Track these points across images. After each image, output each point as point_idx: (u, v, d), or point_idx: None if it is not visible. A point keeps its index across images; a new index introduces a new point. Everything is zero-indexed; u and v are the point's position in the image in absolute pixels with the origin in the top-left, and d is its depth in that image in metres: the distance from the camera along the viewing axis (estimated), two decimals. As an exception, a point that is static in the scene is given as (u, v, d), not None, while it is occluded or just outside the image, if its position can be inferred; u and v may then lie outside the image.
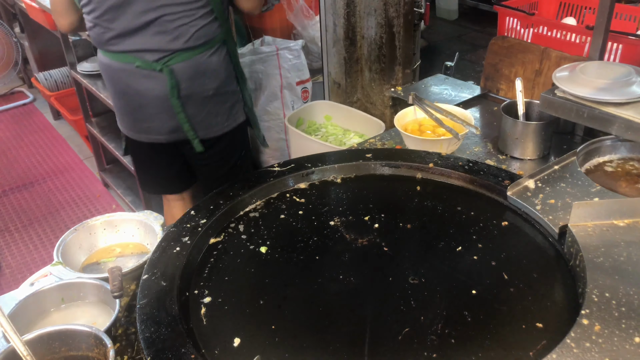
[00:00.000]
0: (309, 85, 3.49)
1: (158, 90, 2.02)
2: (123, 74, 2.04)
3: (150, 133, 2.14)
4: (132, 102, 2.09)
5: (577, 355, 0.92)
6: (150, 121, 2.10)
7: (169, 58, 1.99)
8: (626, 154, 1.54)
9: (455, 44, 5.75)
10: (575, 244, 1.17)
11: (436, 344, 1.02)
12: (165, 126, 2.10)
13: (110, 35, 1.98)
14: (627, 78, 1.53)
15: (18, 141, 4.58)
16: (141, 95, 2.05)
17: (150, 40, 1.97)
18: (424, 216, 1.40)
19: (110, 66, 2.05)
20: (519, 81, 1.74)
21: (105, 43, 2.01)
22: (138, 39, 1.97)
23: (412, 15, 2.30)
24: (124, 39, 1.98)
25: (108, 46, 2.01)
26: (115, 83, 2.08)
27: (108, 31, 1.98)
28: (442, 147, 1.71)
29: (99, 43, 2.04)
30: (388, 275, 1.21)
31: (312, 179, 1.54)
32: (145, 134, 2.15)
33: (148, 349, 1.00)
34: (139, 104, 2.08)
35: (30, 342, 1.01)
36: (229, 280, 1.22)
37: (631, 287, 1.05)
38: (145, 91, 2.04)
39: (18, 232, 3.49)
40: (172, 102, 2.03)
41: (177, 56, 2.00)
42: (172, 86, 2.00)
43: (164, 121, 2.09)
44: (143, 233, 1.46)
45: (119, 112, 2.19)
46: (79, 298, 1.25)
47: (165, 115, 2.07)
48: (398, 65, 2.38)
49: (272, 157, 3.48)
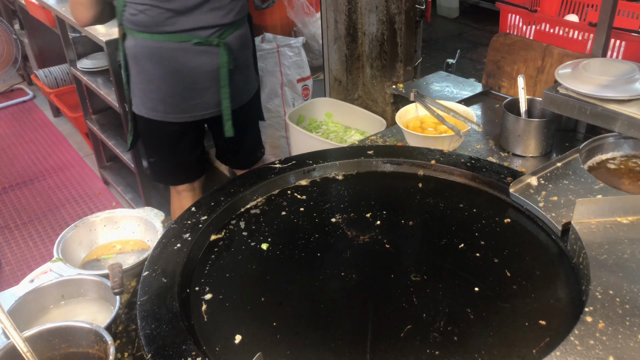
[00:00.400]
0: (309, 83, 3.49)
1: (211, 64, 2.11)
2: (178, 53, 2.07)
3: (198, 110, 2.20)
4: (185, 81, 2.12)
5: (581, 352, 0.92)
6: (200, 97, 2.17)
7: (221, 32, 2.10)
8: (629, 151, 1.53)
9: (456, 42, 5.74)
10: (578, 241, 1.16)
11: (438, 341, 1.02)
12: (214, 99, 2.19)
13: (167, 15, 2.01)
14: (630, 75, 1.53)
15: (18, 138, 4.57)
16: (195, 71, 2.11)
17: (206, 17, 2.05)
18: (426, 213, 1.40)
19: (162, 47, 2.06)
20: (521, 78, 1.74)
21: (159, 24, 2.02)
22: (194, 17, 2.03)
23: (413, 12, 2.29)
24: (180, 18, 2.02)
25: (163, 27, 2.03)
26: (168, 64, 2.09)
27: (165, 12, 2.00)
28: (444, 144, 1.71)
29: (152, 25, 2.03)
30: (390, 272, 1.20)
31: (313, 175, 1.53)
32: (190, 113, 2.19)
33: (149, 346, 1.00)
34: (191, 80, 2.12)
35: (30, 338, 1.01)
36: (230, 277, 1.21)
37: (635, 284, 1.04)
38: (200, 67, 2.10)
39: (18, 229, 3.48)
40: (221, 74, 2.13)
41: (227, 30, 2.11)
42: (227, 59, 2.11)
43: (214, 94, 2.18)
44: (143, 230, 1.46)
45: (165, 94, 2.15)
46: (79, 295, 1.24)
47: (215, 89, 2.17)
48: (399, 62, 2.38)
49: (273, 155, 3.47)
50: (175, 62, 2.09)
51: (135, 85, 2.17)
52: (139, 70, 2.14)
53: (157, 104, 2.17)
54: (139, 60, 2.11)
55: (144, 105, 2.19)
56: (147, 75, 2.13)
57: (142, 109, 2.21)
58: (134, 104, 2.23)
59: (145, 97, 2.17)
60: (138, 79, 2.15)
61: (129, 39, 2.10)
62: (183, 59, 2.08)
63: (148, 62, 2.10)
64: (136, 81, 2.17)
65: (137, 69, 2.14)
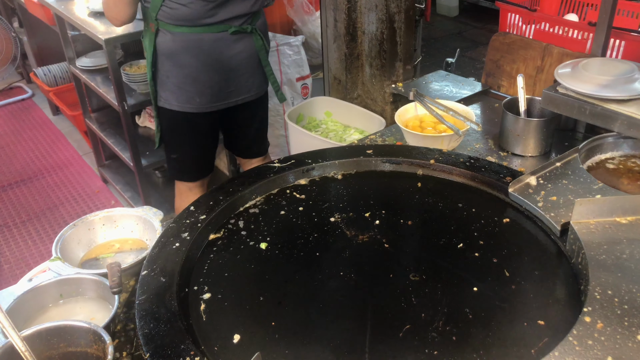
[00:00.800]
0: (309, 82, 3.48)
1: (247, 50, 2.24)
2: (218, 43, 2.15)
3: (232, 97, 2.29)
4: (223, 70, 2.21)
5: (580, 353, 0.92)
6: (238, 83, 2.27)
7: (251, 20, 2.22)
8: (628, 151, 1.53)
9: (456, 41, 5.74)
10: (577, 241, 1.16)
11: (437, 341, 1.02)
12: (252, 83, 2.32)
13: (209, 7, 2.07)
14: (629, 75, 1.53)
15: (17, 136, 4.56)
16: (233, 59, 2.21)
17: (239, 7, 2.15)
18: (425, 213, 1.40)
19: (202, 40, 2.13)
20: (521, 77, 1.73)
21: (201, 17, 2.08)
22: (231, 8, 2.13)
23: (413, 11, 2.29)
24: (219, 9, 2.10)
25: (205, 19, 2.09)
26: (208, 55, 2.16)
27: (208, 4, 2.06)
28: (443, 143, 1.71)
29: (194, 19, 2.08)
30: (389, 271, 1.20)
31: (312, 175, 1.53)
32: (225, 100, 2.28)
33: (147, 345, 0.99)
34: (229, 68, 2.22)
35: (29, 337, 1.00)
36: (228, 277, 1.21)
37: (634, 284, 1.04)
38: (237, 54, 2.21)
39: (17, 228, 3.48)
40: (261, 57, 2.28)
41: (255, 17, 2.23)
42: (262, 43, 2.26)
43: (252, 78, 2.31)
44: (142, 229, 1.46)
45: (204, 86, 2.21)
46: (78, 294, 1.24)
47: (252, 73, 2.30)
48: (399, 61, 2.37)
49: (272, 154, 3.47)
50: (214, 52, 2.16)
51: (168, 80, 2.21)
52: (174, 65, 2.17)
53: (193, 96, 2.22)
54: (175, 55, 2.16)
55: (178, 99, 2.23)
56: (185, 69, 2.17)
57: (174, 103, 2.24)
58: (163, 99, 2.26)
59: (180, 90, 2.21)
60: (173, 73, 2.19)
61: (163, 34, 2.14)
62: (222, 49, 2.17)
63: (186, 55, 2.15)
64: (170, 75, 2.20)
65: (172, 63, 2.17)
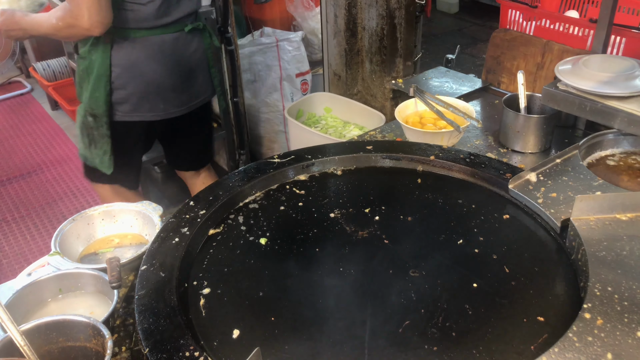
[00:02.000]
0: (308, 77, 3.48)
1: (200, 49, 2.21)
2: (177, 42, 2.12)
3: (192, 99, 2.25)
4: (184, 70, 2.17)
5: (579, 349, 0.92)
6: (193, 85, 2.23)
7: (198, 16, 2.20)
8: (628, 147, 1.53)
9: (456, 38, 5.73)
10: (577, 237, 1.16)
11: (437, 337, 1.02)
12: (203, 86, 2.28)
13: (165, 6, 2.04)
14: (630, 71, 1.52)
15: (15, 131, 4.55)
16: (191, 59, 2.18)
17: (189, 4, 2.13)
18: (424, 209, 1.39)
19: (163, 41, 2.08)
20: (521, 74, 1.73)
21: (160, 16, 2.04)
22: (182, 6, 2.10)
23: (413, 7, 2.28)
24: (174, 8, 2.07)
25: (163, 19, 2.05)
26: (170, 56, 2.11)
27: (165, 3, 2.03)
28: (443, 139, 1.70)
29: (153, 18, 2.03)
30: (388, 267, 1.20)
31: (312, 170, 1.53)
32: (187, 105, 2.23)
33: (146, 340, 0.99)
34: (189, 69, 2.18)
35: (28, 332, 1.00)
36: (228, 272, 1.21)
37: (634, 281, 1.04)
38: (193, 53, 2.18)
39: (15, 223, 3.47)
40: (208, 56, 2.24)
41: (199, 13, 2.20)
42: (210, 42, 2.23)
43: (202, 80, 2.27)
44: (141, 224, 1.45)
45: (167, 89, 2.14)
46: (77, 288, 1.24)
47: (202, 74, 2.26)
48: (399, 57, 2.37)
49: (271, 150, 3.47)
50: (175, 53, 2.12)
51: (128, 91, 2.09)
52: (136, 74, 2.07)
53: (157, 103, 2.14)
54: (136, 63, 2.06)
55: (140, 109, 2.13)
56: (147, 76, 2.09)
57: (136, 114, 2.14)
58: (121, 113, 2.13)
59: (143, 100, 2.12)
60: (134, 83, 2.08)
61: (120, 44, 2.02)
62: (181, 49, 2.13)
63: (149, 60, 2.07)
64: (130, 86, 2.09)
65: (133, 72, 2.07)
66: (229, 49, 3.02)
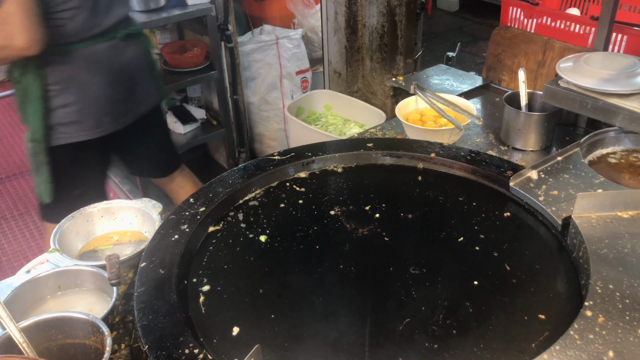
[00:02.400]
0: (308, 75, 3.47)
1: (139, 55, 2.13)
2: (113, 51, 2.02)
3: (136, 108, 2.15)
4: (124, 79, 2.07)
5: (581, 347, 0.91)
6: (136, 93, 2.13)
7: (131, 21, 2.12)
8: (630, 145, 1.53)
9: (456, 36, 5.72)
10: (578, 235, 1.16)
11: (437, 334, 1.01)
12: (145, 91, 2.18)
13: (93, 16, 1.93)
14: (631, 69, 1.52)
15: (15, 129, 4.55)
16: (129, 67, 2.08)
17: (120, 10, 2.04)
18: (425, 206, 1.39)
19: (97, 52, 1.98)
20: (522, 72, 1.72)
21: (90, 28, 1.93)
22: (112, 13, 2.01)
23: (414, 4, 2.28)
24: (103, 17, 1.97)
25: (93, 29, 1.95)
26: (107, 67, 2.01)
27: (93, 13, 1.92)
28: (443, 137, 1.70)
29: (83, 31, 1.91)
30: (389, 265, 1.19)
31: (312, 168, 1.52)
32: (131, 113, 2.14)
33: (146, 337, 0.99)
34: (129, 77, 2.08)
35: (26, 329, 1.00)
36: (227, 269, 1.21)
37: (635, 279, 1.03)
38: (131, 60, 2.09)
39: (14, 220, 3.47)
40: (147, 58, 2.16)
41: (130, 19, 2.12)
42: (147, 46, 2.15)
43: (144, 86, 2.17)
44: (141, 221, 1.45)
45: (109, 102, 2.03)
46: (76, 285, 1.23)
47: (144, 80, 2.17)
48: (399, 54, 2.36)
49: (271, 147, 3.46)
50: (112, 63, 2.02)
51: (67, 111, 1.96)
52: (73, 91, 1.95)
53: (100, 117, 2.02)
54: (73, 79, 1.95)
55: (82, 127, 2.00)
56: (86, 90, 1.97)
57: (80, 134, 2.00)
58: (60, 135, 1.98)
59: (84, 117, 1.99)
60: (73, 100, 1.96)
61: (53, 62, 1.90)
62: (117, 57, 2.04)
63: (86, 74, 1.96)
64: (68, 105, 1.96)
65: (70, 90, 1.95)
66: (229, 47, 3.01)
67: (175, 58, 3.07)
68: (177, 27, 3.39)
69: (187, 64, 3.06)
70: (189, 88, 3.38)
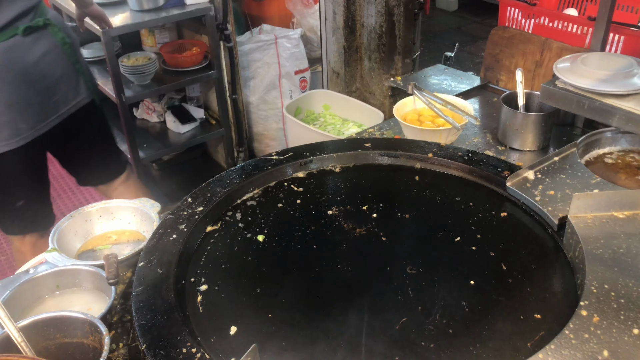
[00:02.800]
0: (307, 75, 3.47)
1: (52, 50, 1.89)
2: (15, 51, 1.80)
3: (61, 107, 1.95)
4: (35, 79, 1.86)
5: (576, 346, 0.92)
6: (59, 92, 1.93)
7: (39, 12, 1.86)
8: (626, 146, 1.53)
9: (455, 35, 5.73)
10: (574, 235, 1.16)
11: (434, 334, 1.02)
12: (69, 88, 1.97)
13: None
14: (628, 70, 1.52)
15: None
16: (40, 64, 1.86)
17: (18, 3, 1.79)
18: (422, 206, 1.39)
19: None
20: (520, 72, 1.73)
21: None
22: (7, 7, 1.77)
23: (412, 4, 2.28)
24: None
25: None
26: (10, 68, 1.80)
27: None
28: (441, 137, 1.70)
29: None
30: (386, 265, 1.20)
31: (310, 168, 1.52)
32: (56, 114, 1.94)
33: (144, 337, 0.99)
34: (42, 76, 1.87)
35: (25, 328, 1.00)
36: (225, 269, 1.21)
37: (630, 279, 1.04)
38: (42, 57, 1.86)
39: (14, 219, 3.47)
40: (67, 53, 1.92)
41: (42, 8, 1.88)
42: (62, 36, 1.90)
43: (67, 83, 1.96)
44: (139, 220, 1.45)
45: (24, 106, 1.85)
46: (74, 285, 1.24)
47: (67, 76, 1.95)
48: (398, 54, 2.37)
49: (270, 147, 3.47)
50: (16, 63, 1.81)
51: None
52: None
53: (16, 124, 1.85)
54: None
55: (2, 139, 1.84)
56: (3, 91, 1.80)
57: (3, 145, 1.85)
58: None
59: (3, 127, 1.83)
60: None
61: None
62: (22, 56, 1.82)
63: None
64: None
65: None
66: (228, 46, 3.02)
67: (174, 57, 3.07)
68: (175, 26, 3.39)
69: (185, 64, 3.06)
70: (188, 87, 3.38)
